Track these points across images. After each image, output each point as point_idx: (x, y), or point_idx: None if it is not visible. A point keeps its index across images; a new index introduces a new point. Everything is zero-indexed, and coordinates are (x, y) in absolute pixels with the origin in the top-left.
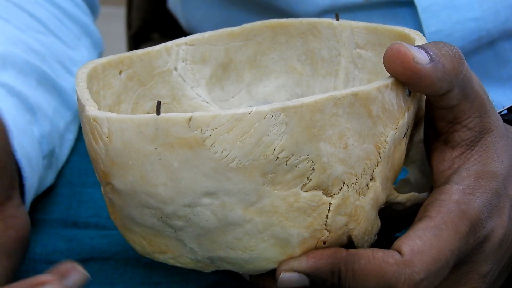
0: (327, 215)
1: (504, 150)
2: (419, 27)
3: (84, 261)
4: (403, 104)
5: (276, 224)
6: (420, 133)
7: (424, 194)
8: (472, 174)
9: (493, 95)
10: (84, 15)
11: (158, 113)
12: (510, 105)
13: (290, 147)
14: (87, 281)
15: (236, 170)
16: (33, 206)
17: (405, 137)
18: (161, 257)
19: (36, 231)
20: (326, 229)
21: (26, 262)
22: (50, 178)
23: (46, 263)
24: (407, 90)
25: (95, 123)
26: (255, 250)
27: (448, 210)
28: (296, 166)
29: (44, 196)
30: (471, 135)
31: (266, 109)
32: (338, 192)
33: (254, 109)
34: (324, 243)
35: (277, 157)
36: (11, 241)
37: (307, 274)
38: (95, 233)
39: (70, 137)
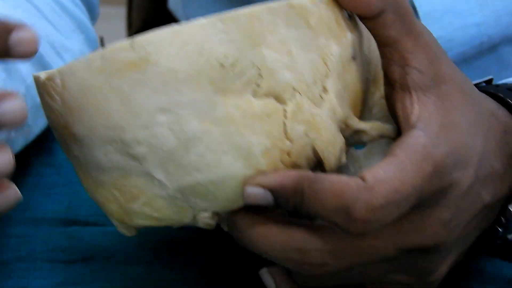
0: (284, 122)
1: (464, 104)
2: None
3: (85, 260)
4: (343, 23)
5: (234, 133)
6: (380, 90)
7: (389, 126)
8: (435, 122)
9: None
10: (80, 13)
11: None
12: (488, 78)
13: (233, 54)
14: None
15: (184, 81)
16: (33, 205)
17: (355, 62)
18: (136, 207)
19: (36, 229)
20: (287, 138)
21: (27, 260)
22: (19, 143)
23: (47, 261)
24: (346, 13)
25: (49, 81)
26: (220, 167)
27: (414, 150)
28: (243, 73)
29: (45, 195)
30: (423, 78)
31: (203, 21)
32: (291, 99)
33: (191, 22)
34: (289, 155)
35: (222, 65)
36: None
37: (271, 190)
38: (95, 231)
39: None
